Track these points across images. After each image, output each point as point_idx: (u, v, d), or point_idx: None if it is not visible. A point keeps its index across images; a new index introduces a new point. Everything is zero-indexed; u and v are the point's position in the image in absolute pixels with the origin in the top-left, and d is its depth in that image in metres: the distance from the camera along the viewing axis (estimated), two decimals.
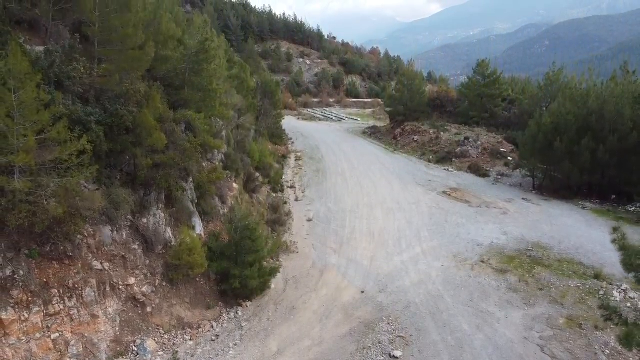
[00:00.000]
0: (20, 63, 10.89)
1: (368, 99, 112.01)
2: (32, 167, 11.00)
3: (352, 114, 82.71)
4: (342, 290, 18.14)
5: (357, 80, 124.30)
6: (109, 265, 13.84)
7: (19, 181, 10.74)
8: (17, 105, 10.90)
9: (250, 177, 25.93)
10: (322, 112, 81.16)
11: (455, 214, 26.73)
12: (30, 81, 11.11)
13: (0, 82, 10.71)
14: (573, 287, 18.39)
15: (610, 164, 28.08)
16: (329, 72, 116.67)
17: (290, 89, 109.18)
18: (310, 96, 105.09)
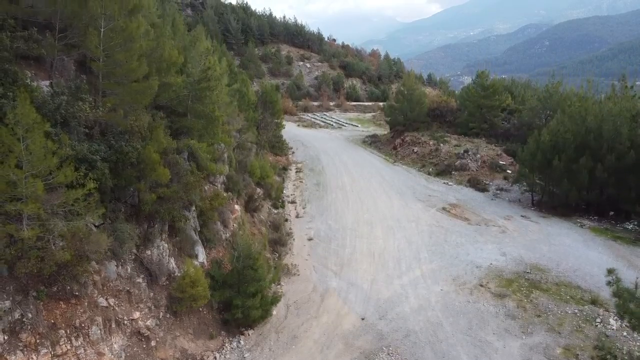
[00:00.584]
0: (29, 113, 11.14)
1: (368, 102, 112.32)
2: (40, 214, 11.25)
3: (352, 119, 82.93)
4: (342, 316, 18.40)
5: (357, 83, 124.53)
6: (114, 300, 14.11)
7: (28, 229, 11.00)
8: (25, 155, 11.15)
9: (252, 197, 26.18)
10: (322, 118, 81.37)
11: (454, 232, 26.99)
12: (38, 130, 11.36)
13: (9, 132, 10.95)
14: (570, 314, 18.66)
15: (608, 182, 28.35)
16: (329, 75, 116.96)
17: (291, 93, 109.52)
18: (311, 100, 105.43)
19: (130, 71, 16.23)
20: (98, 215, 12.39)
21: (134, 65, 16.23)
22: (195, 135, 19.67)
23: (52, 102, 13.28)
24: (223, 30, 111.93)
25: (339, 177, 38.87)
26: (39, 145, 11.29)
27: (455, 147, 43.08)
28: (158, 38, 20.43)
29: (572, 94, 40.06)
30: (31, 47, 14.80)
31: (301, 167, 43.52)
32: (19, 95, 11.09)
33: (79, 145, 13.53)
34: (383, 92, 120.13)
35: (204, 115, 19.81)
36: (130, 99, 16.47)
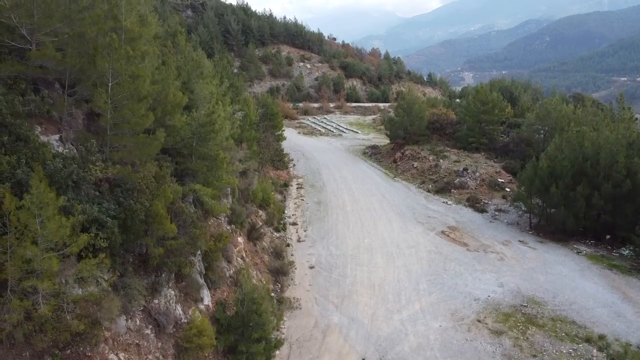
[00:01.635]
0: (44, 193, 11.60)
1: (368, 104, 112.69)
2: (56, 289, 11.74)
3: (352, 123, 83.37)
4: (343, 357, 18.95)
5: (357, 84, 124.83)
6: (124, 355, 14.62)
7: (45, 306, 11.49)
8: (40, 231, 11.63)
9: (254, 226, 26.69)
10: (323, 122, 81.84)
11: (453, 260, 27.53)
12: (53, 207, 11.83)
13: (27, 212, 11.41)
14: (565, 354, 19.22)
15: (604, 209, 28.87)
16: (329, 76, 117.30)
17: (291, 94, 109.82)
18: (311, 102, 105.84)
19: (137, 125, 16.68)
20: (107, 268, 12.90)
21: (142, 120, 16.68)
22: (200, 178, 20.13)
23: (63, 170, 13.72)
24: (223, 31, 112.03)
25: (340, 195, 39.37)
26: (55, 223, 11.76)
27: (455, 164, 43.55)
28: (163, 80, 20.91)
29: (570, 113, 40.47)
30: (42, 109, 15.22)
31: (302, 182, 44.02)
32: (34, 175, 11.53)
33: (90, 208, 13.98)
34: (383, 93, 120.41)
35: (208, 158, 20.25)
36: (138, 152, 16.93)
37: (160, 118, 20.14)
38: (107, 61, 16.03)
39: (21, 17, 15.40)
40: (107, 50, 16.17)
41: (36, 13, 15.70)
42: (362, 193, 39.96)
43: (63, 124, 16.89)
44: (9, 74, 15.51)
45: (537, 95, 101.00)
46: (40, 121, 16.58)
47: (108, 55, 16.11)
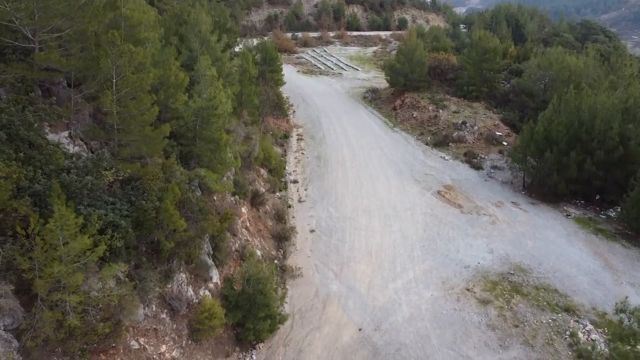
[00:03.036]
0: (68, 218, 12.48)
1: (370, 32, 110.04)
2: (83, 301, 12.96)
3: (352, 57, 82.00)
4: (342, 327, 20.71)
5: (358, 11, 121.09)
6: (144, 340, 16.20)
7: (74, 317, 12.76)
8: (65, 249, 12.65)
9: (257, 193, 27.70)
10: (322, 58, 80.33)
11: (447, 224, 28.86)
12: (76, 226, 12.76)
13: (51, 234, 12.36)
14: (545, 324, 21.00)
15: (596, 175, 29.77)
16: (329, 3, 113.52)
17: (290, 22, 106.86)
18: (310, 30, 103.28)
19: (143, 121, 17.17)
20: (129, 289, 14.15)
21: (147, 117, 17.15)
22: (205, 160, 20.83)
23: (78, 181, 14.46)
24: None
25: (339, 150, 40.02)
26: (78, 242, 12.75)
27: (454, 115, 43.79)
28: (164, 62, 21.02)
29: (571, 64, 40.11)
30: (52, 117, 15.66)
31: (302, 133, 44.48)
32: (54, 196, 12.35)
33: (105, 214, 14.88)
34: (385, 20, 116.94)
35: (211, 140, 20.83)
36: (146, 147, 17.57)
37: (164, 101, 20.55)
38: (111, 59, 16.21)
39: (23, 18, 15.40)
40: (110, 47, 16.28)
41: (37, 12, 15.68)
42: (361, 147, 40.59)
43: (71, 120, 17.35)
44: (15, 76, 15.79)
45: (544, 22, 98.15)
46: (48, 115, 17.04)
47: (111, 53, 16.27)
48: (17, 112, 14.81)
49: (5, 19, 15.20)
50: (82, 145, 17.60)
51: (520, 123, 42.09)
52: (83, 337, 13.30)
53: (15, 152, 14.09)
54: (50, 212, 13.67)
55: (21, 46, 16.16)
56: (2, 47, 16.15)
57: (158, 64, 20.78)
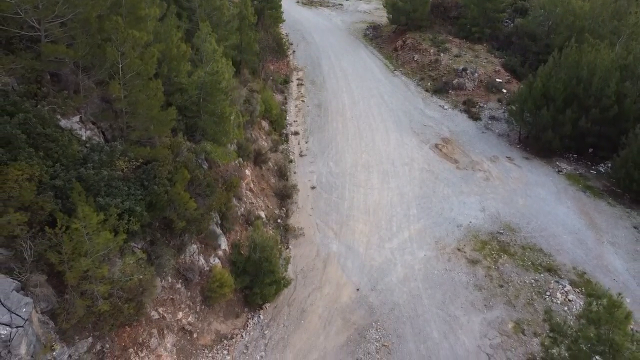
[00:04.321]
0: (92, 217, 13.61)
1: None
2: (109, 290, 14.42)
3: None
4: (341, 287, 22.55)
5: None
6: (162, 309, 17.97)
7: (102, 303, 14.28)
8: (89, 246, 13.92)
9: (260, 152, 28.58)
10: None
11: (443, 180, 30.05)
12: (97, 224, 13.93)
13: (77, 233, 13.56)
14: (527, 284, 22.86)
15: (590, 132, 30.51)
16: None
17: None
18: None
19: (150, 106, 17.76)
20: (150, 273, 15.60)
21: (154, 102, 17.72)
22: (210, 134, 21.55)
23: (95, 176, 15.39)
24: None
25: (339, 96, 40.24)
26: (101, 237, 13.98)
27: (455, 59, 43.49)
28: (166, 33, 21.13)
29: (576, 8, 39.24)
30: (66, 108, 16.24)
31: (302, 77, 44.41)
32: (81, 208, 13.41)
33: (122, 202, 15.98)
34: None
35: (215, 114, 21.43)
36: (154, 130, 18.29)
37: (167, 75, 20.97)
38: (115, 45, 16.51)
39: (28, 10, 15.54)
40: (114, 33, 16.53)
41: (40, 1, 15.76)
42: (361, 93, 40.75)
43: (81, 104, 17.92)
44: (25, 67, 16.19)
45: None
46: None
47: (115, 39, 16.55)
48: (32, 107, 15.42)
49: (12, 12, 15.36)
50: (94, 128, 18.33)
51: (522, 68, 42.06)
52: (111, 318, 14.90)
53: (35, 150, 14.91)
54: (71, 204, 14.84)
55: (28, 35, 16.40)
56: (9, 37, 16.39)
57: (159, 35, 20.92)
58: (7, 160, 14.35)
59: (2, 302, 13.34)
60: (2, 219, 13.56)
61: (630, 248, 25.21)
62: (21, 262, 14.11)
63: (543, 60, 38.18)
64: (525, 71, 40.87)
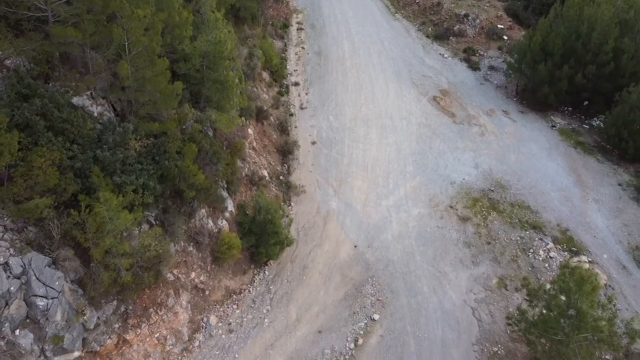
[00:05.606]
0: (112, 200, 14.89)
1: None
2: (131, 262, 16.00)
3: None
4: (340, 244, 24.27)
5: None
6: (177, 271, 19.74)
7: (125, 274, 15.91)
8: (111, 226, 15.32)
9: (261, 109, 29.28)
10: None
11: (439, 135, 31.01)
12: (117, 206, 15.24)
13: (100, 217, 14.91)
14: (513, 241, 24.61)
15: (586, 88, 31.07)
16: None
17: None
18: None
19: (157, 83, 18.44)
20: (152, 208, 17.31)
21: (160, 78, 18.39)
22: (214, 101, 22.26)
23: (112, 157, 16.44)
24: None
25: (340, 43, 40.08)
26: (121, 218, 15.35)
27: (457, 2, 42.78)
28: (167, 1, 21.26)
29: None
30: (79, 90, 16.96)
31: (302, 20, 43.83)
32: (102, 192, 14.64)
33: (137, 179, 17.16)
34: None
35: (219, 82, 22.02)
36: (162, 105, 19.07)
37: (170, 44, 21.38)
38: (121, 24, 16.94)
39: None
40: (119, 12, 16.93)
41: None
42: (361, 40, 40.50)
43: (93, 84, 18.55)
44: (36, 49, 16.73)
45: None
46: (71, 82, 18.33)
47: (120, 19, 16.98)
48: (46, 91, 16.16)
49: None
50: (104, 104, 19.12)
51: (525, 13, 41.56)
52: (134, 286, 16.62)
53: (54, 134, 15.85)
54: (90, 184, 16.09)
55: (35, 16, 16.75)
56: (17, 19, 16.75)
57: (161, 4, 21.04)
58: (28, 144, 15.39)
59: (37, 277, 14.97)
60: (30, 202, 14.84)
61: (613, 205, 26.74)
62: (50, 239, 15.57)
63: (547, 4, 37.92)
64: (528, 15, 40.48)
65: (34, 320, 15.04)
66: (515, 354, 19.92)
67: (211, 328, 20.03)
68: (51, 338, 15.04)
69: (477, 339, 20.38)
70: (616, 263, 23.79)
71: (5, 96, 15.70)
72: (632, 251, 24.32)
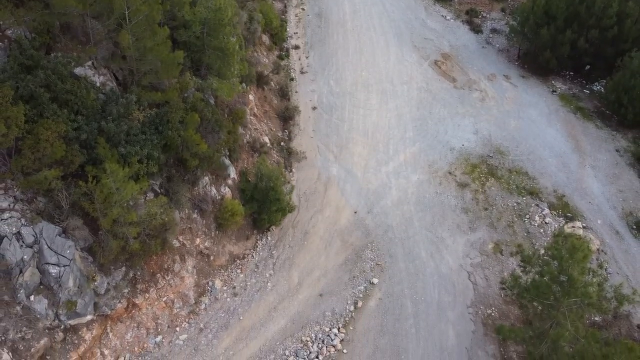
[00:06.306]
0: (118, 172, 15.27)
1: None
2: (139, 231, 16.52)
3: None
4: (340, 210, 24.79)
5: None
6: (182, 237, 20.32)
7: (134, 242, 16.46)
8: (118, 196, 15.75)
9: (261, 75, 29.18)
10: None
11: (440, 101, 31.04)
12: (124, 176, 15.63)
13: (107, 188, 15.32)
14: (510, 207, 25.13)
15: (588, 52, 30.88)
16: None
17: None
18: None
19: (158, 52, 18.46)
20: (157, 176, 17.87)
21: (162, 47, 18.39)
22: (215, 69, 22.25)
23: (117, 128, 16.67)
24: None
25: (340, 4, 39.24)
26: (128, 188, 15.76)
27: None
28: None
29: None
30: (82, 61, 17.00)
31: None
32: (109, 164, 14.99)
33: (142, 149, 17.47)
34: None
35: (219, 49, 21.95)
36: (163, 74, 19.14)
37: (170, 11, 21.24)
38: None
39: None
40: None
41: None
42: (362, 0, 39.62)
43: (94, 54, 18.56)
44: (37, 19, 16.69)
45: None
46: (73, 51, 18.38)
47: None
48: (51, 64, 16.23)
49: None
50: (106, 73, 19.19)
51: None
52: (142, 254, 17.23)
53: (59, 106, 16.04)
54: (96, 154, 16.44)
55: None
56: None
57: None
58: (34, 116, 15.62)
59: (49, 246, 15.55)
60: (39, 174, 15.21)
61: (609, 171, 27.12)
62: (59, 209, 16.06)
63: None
64: None
65: (47, 287, 15.73)
66: (508, 316, 20.79)
67: (216, 292, 20.79)
68: (64, 303, 15.76)
69: (472, 301, 21.20)
70: (610, 228, 24.40)
71: (8, 68, 15.80)
72: (626, 217, 24.89)
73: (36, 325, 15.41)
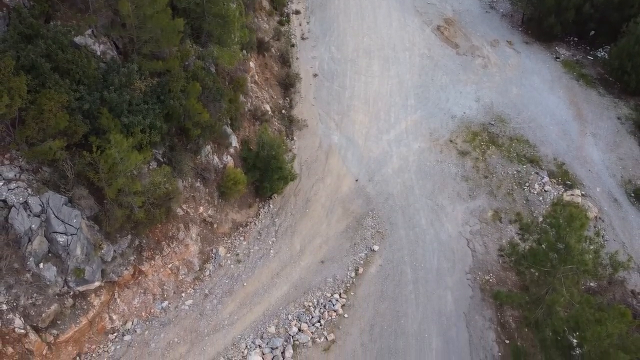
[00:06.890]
0: (122, 142, 15.38)
1: None
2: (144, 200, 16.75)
3: None
4: (341, 178, 24.98)
5: None
6: (186, 206, 20.60)
7: (139, 212, 16.73)
8: (122, 167, 15.92)
9: (262, 41, 28.85)
10: None
11: (442, 68, 30.80)
12: (127, 147, 15.75)
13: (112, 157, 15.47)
14: (510, 175, 25.32)
15: (592, 18, 30.42)
16: None
17: None
18: None
19: (158, 20, 18.26)
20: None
21: (162, 15, 18.19)
22: (215, 35, 22.02)
23: (119, 98, 16.66)
24: None
25: None
26: (132, 158, 15.90)
27: None
28: None
29: None
30: (82, 30, 16.84)
31: None
32: (114, 135, 15.09)
33: (144, 119, 17.52)
34: None
35: (220, 16, 21.68)
36: (164, 42, 18.97)
37: None
38: None
39: None
40: None
41: None
42: None
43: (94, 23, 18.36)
44: None
45: None
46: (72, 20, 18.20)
47: None
48: (51, 33, 16.09)
49: None
50: (106, 42, 19.02)
51: None
52: (147, 222, 17.52)
53: (61, 76, 16.00)
54: (99, 124, 16.53)
55: None
56: None
57: None
58: (36, 86, 15.59)
59: (56, 215, 15.81)
60: (43, 145, 15.33)
61: (610, 139, 27.18)
62: (65, 179, 16.24)
63: None
64: None
65: (56, 255, 16.09)
66: (505, 282, 21.28)
67: (220, 259, 21.21)
68: (73, 270, 16.15)
69: (470, 268, 21.65)
70: (608, 196, 24.66)
71: (8, 37, 15.68)
72: (625, 184, 25.11)
73: (46, 291, 15.85)
